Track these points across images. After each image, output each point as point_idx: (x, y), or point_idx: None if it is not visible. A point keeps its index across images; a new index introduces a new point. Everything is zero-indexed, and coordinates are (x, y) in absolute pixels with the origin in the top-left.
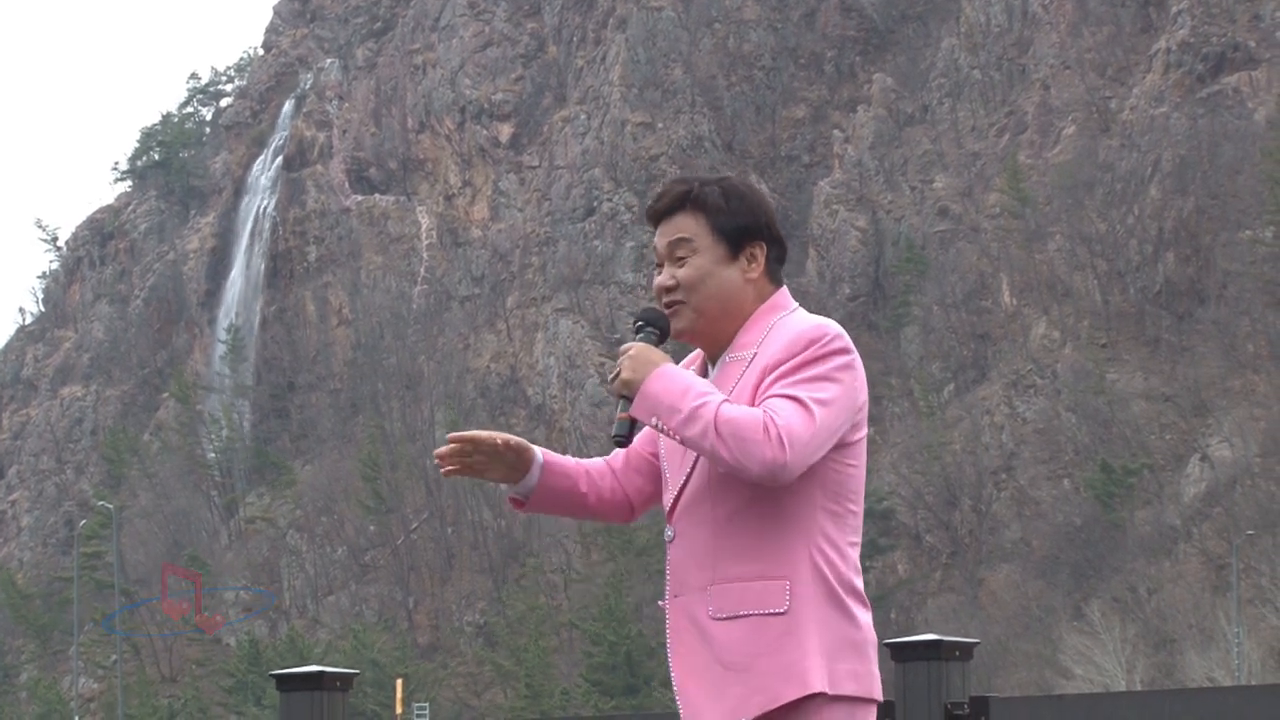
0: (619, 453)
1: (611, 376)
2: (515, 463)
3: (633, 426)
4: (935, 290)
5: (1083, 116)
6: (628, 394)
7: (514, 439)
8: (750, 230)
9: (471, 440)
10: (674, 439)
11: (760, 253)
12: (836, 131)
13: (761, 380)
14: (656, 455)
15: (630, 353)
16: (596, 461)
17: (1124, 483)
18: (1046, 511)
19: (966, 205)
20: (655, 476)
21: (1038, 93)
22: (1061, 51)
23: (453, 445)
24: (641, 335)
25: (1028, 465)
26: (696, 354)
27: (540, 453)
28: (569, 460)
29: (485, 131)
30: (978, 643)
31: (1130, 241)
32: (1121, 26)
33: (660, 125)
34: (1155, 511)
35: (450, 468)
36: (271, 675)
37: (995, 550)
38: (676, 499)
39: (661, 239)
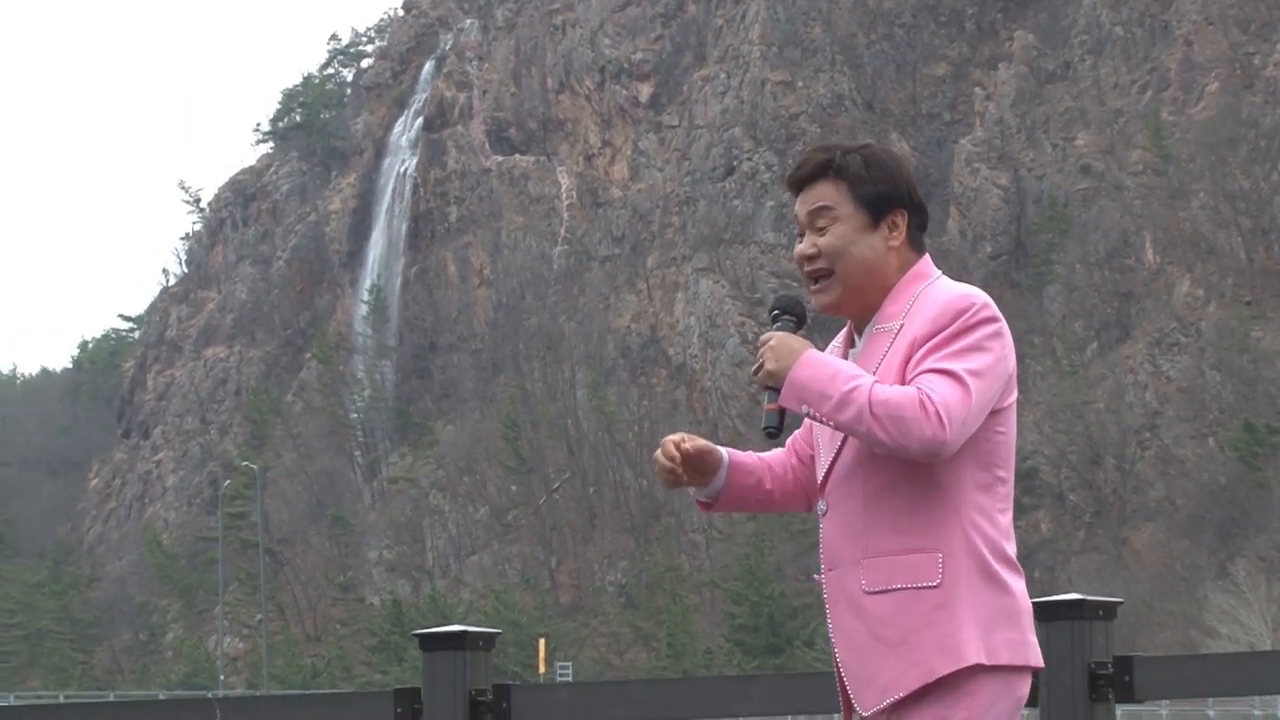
0: (790, 444)
1: (755, 369)
2: (704, 467)
3: (782, 416)
4: (1078, 248)
5: (1225, 73)
6: (773, 384)
7: (700, 445)
8: (892, 198)
9: (682, 452)
10: (828, 425)
11: (902, 221)
12: (978, 89)
13: (910, 354)
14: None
15: (771, 343)
16: (777, 454)
17: (1268, 441)
18: (1191, 470)
19: (1109, 163)
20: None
21: (1180, 49)
22: (1204, 7)
23: (672, 460)
24: (779, 324)
25: (1171, 424)
26: (845, 328)
27: (726, 453)
28: (752, 457)
29: (625, 91)
30: (1121, 602)
31: (1275, 198)
32: None
33: (800, 84)
34: None
35: (672, 480)
36: (414, 635)
37: (1139, 509)
38: (828, 473)
39: (802, 207)
